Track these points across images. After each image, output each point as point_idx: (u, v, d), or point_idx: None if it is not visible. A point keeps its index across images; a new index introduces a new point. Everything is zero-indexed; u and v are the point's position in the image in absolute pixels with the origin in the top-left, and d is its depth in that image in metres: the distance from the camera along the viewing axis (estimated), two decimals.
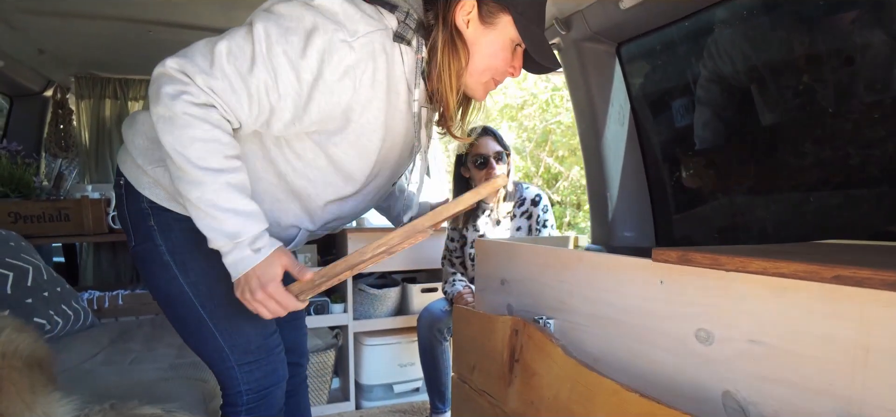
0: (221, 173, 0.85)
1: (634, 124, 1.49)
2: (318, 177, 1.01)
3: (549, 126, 6.07)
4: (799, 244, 0.85)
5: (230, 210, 0.86)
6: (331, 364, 2.47)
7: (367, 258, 0.85)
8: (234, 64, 0.84)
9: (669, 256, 0.75)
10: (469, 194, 0.80)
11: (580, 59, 1.48)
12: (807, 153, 1.23)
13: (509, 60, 0.98)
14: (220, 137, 0.86)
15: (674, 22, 1.31)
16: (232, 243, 0.87)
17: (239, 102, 0.86)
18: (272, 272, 0.88)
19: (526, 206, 2.00)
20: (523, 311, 1.22)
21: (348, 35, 0.84)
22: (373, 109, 0.92)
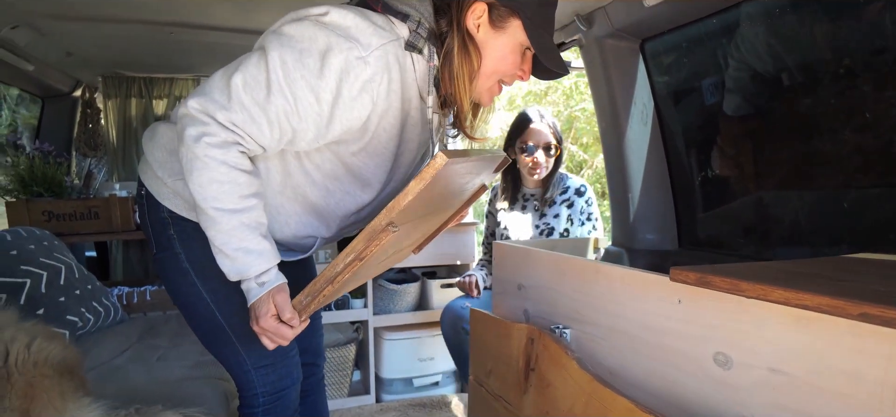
0: (236, 214, 0.89)
1: (658, 123, 1.44)
2: (336, 188, 1.03)
3: (573, 113, 5.97)
4: (827, 261, 0.81)
5: (241, 249, 0.89)
6: (351, 358, 2.51)
7: (339, 270, 0.85)
8: (250, 94, 0.86)
9: (687, 276, 0.72)
10: (413, 183, 0.76)
11: (602, 56, 1.44)
12: (839, 151, 1.17)
13: (518, 63, 0.99)
14: (237, 178, 0.88)
15: (700, 19, 1.25)
16: (240, 276, 0.91)
17: (260, 130, 0.88)
18: (266, 308, 0.91)
19: (568, 195, 1.94)
20: (540, 317, 1.21)
21: (363, 50, 0.85)
22: (389, 117, 0.94)
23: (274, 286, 0.91)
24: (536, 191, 1.99)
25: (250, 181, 0.91)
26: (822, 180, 1.21)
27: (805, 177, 1.23)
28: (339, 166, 1.00)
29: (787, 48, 1.18)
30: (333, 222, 1.08)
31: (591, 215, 1.87)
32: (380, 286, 2.48)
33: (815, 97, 1.16)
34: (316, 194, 1.02)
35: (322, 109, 0.87)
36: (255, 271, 0.90)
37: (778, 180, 1.28)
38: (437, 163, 0.71)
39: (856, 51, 1.08)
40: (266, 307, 0.90)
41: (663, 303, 0.81)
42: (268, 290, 0.91)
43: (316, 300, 0.90)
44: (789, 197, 1.27)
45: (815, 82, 1.16)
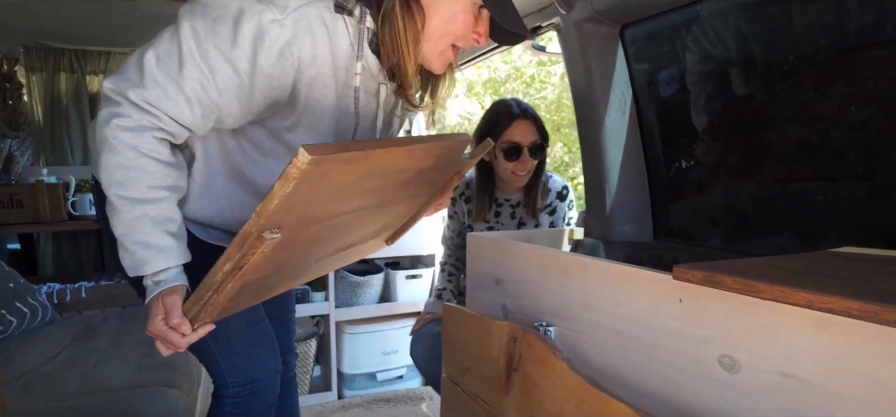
0: (140, 204, 0.81)
1: (636, 112, 1.41)
2: (277, 167, 0.95)
3: (534, 101, 5.98)
4: (821, 257, 0.79)
5: (140, 243, 0.81)
6: (312, 354, 2.40)
7: (219, 279, 0.75)
8: (164, 70, 0.79)
9: (693, 276, 0.67)
10: (278, 184, 0.62)
11: (581, 41, 1.39)
12: (816, 144, 1.17)
13: (472, 24, 0.90)
14: (147, 165, 0.80)
15: (684, 6, 1.22)
16: (137, 272, 0.83)
17: (178, 108, 0.80)
18: (155, 310, 0.83)
19: (550, 199, 1.71)
20: (520, 313, 1.15)
21: (278, 12, 0.80)
22: (319, 87, 0.87)
23: (167, 287, 0.83)
24: (513, 196, 1.71)
25: (165, 172, 0.83)
26: (797, 173, 1.21)
27: (781, 169, 1.23)
28: (278, 144, 0.93)
29: (766, 39, 1.17)
30: None
31: (571, 220, 1.73)
32: (342, 278, 2.37)
33: (790, 90, 1.15)
34: (257, 173, 0.96)
35: (242, 80, 0.81)
36: (151, 268, 0.83)
37: (755, 171, 1.27)
38: (298, 162, 0.59)
39: (838, 43, 1.08)
40: (155, 308, 0.82)
41: (662, 301, 0.77)
42: (160, 291, 0.82)
43: (204, 308, 0.81)
44: (764, 189, 1.27)
45: (788, 75, 1.15)
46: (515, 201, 1.72)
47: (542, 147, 1.63)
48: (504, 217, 1.74)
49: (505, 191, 1.72)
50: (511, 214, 1.73)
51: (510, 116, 1.59)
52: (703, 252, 1.31)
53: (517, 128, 1.58)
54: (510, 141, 1.58)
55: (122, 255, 0.84)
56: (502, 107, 1.64)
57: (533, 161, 1.61)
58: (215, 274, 0.77)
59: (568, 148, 5.80)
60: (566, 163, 5.90)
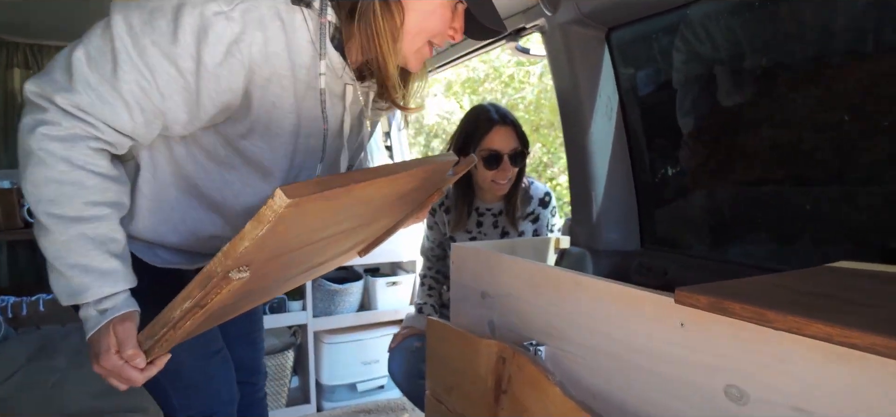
0: (76, 223, 0.71)
1: (622, 118, 1.38)
2: (234, 178, 0.87)
3: (512, 101, 5.95)
4: (824, 274, 0.76)
5: (78, 266, 0.71)
6: (289, 365, 2.31)
7: (177, 317, 0.68)
8: (96, 70, 0.69)
9: (697, 300, 0.63)
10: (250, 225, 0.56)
11: (566, 44, 1.35)
12: (804, 150, 1.16)
13: (449, 20, 0.84)
14: (83, 179, 0.71)
15: (671, 9, 1.19)
16: (74, 300, 0.73)
17: (115, 113, 0.71)
18: (106, 344, 0.72)
19: (533, 206, 1.65)
20: (507, 329, 1.10)
21: (223, 3, 0.71)
22: (275, 89, 0.78)
23: (118, 315, 0.74)
24: (494, 205, 1.65)
25: (104, 186, 0.73)
26: (786, 179, 1.19)
27: (769, 176, 1.21)
28: (232, 153, 0.84)
29: (754, 44, 1.15)
30: (236, 219, 0.91)
31: (554, 226, 1.69)
32: (319, 287, 2.29)
33: (777, 95, 1.14)
34: (211, 185, 0.87)
35: (187, 81, 0.72)
36: (94, 294, 0.73)
37: (743, 177, 1.25)
38: (274, 204, 0.53)
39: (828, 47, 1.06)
40: (106, 340, 0.72)
41: (661, 325, 0.73)
42: (109, 320, 0.73)
43: (158, 343, 0.73)
44: (752, 195, 1.25)
45: (775, 81, 1.13)
46: (497, 209, 1.67)
47: (522, 154, 1.57)
48: (486, 227, 1.69)
49: (485, 200, 1.66)
50: (493, 223, 1.68)
51: (489, 123, 1.53)
52: (693, 261, 1.28)
53: (497, 135, 1.52)
54: (490, 149, 1.52)
55: (55, 280, 0.73)
56: (481, 113, 1.57)
57: (514, 169, 1.55)
58: (172, 311, 0.69)
59: (547, 148, 5.80)
60: (545, 163, 5.90)
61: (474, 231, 1.70)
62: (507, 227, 1.67)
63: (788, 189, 1.19)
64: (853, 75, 1.04)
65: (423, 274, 1.81)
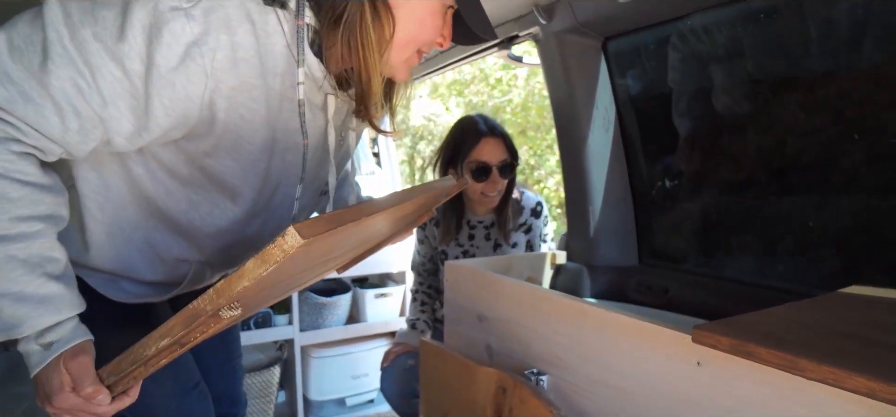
0: (1, 244, 0.60)
1: (620, 130, 1.34)
2: (200, 198, 0.77)
3: (499, 104, 5.92)
4: (848, 304, 0.73)
5: (8, 296, 0.61)
6: (275, 381, 2.23)
7: (151, 354, 0.62)
8: (21, 62, 0.58)
9: (718, 342, 0.59)
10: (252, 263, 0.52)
11: (562, 53, 1.30)
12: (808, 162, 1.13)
13: (439, 27, 0.77)
14: (5, 190, 0.60)
15: (671, 20, 1.15)
16: (5, 335, 0.62)
17: (42, 116, 0.60)
18: (57, 382, 0.62)
19: (524, 217, 1.62)
20: (506, 355, 1.06)
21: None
22: (243, 100, 0.68)
23: (68, 348, 0.63)
24: (486, 217, 1.62)
25: (35, 197, 0.62)
26: (787, 193, 1.16)
27: (769, 189, 1.19)
28: (197, 171, 0.74)
29: (755, 55, 1.12)
30: (204, 241, 0.82)
31: (546, 236, 1.66)
32: (306, 300, 2.22)
33: (778, 107, 1.11)
34: (174, 206, 0.77)
35: (133, 84, 0.61)
36: (32, 326, 0.62)
37: (744, 190, 1.22)
38: (285, 245, 0.49)
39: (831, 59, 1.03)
40: (57, 378, 0.62)
41: (675, 362, 0.68)
42: (57, 354, 0.63)
43: (123, 379, 0.65)
44: (754, 210, 1.23)
45: (776, 92, 1.10)
46: (488, 222, 1.63)
47: (511, 166, 1.53)
48: (478, 240, 1.64)
49: (476, 213, 1.64)
50: (485, 236, 1.64)
51: (477, 135, 1.50)
52: (693, 278, 1.25)
53: (485, 147, 1.49)
54: (478, 161, 1.49)
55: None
56: (468, 124, 1.54)
57: (503, 181, 1.52)
58: (145, 348, 0.62)
59: (534, 151, 5.78)
60: (531, 165, 5.89)
61: (466, 244, 1.65)
62: (499, 239, 1.63)
63: (790, 203, 1.16)
64: (857, 86, 1.02)
65: (415, 289, 1.76)
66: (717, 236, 1.29)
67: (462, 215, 1.62)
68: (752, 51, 1.11)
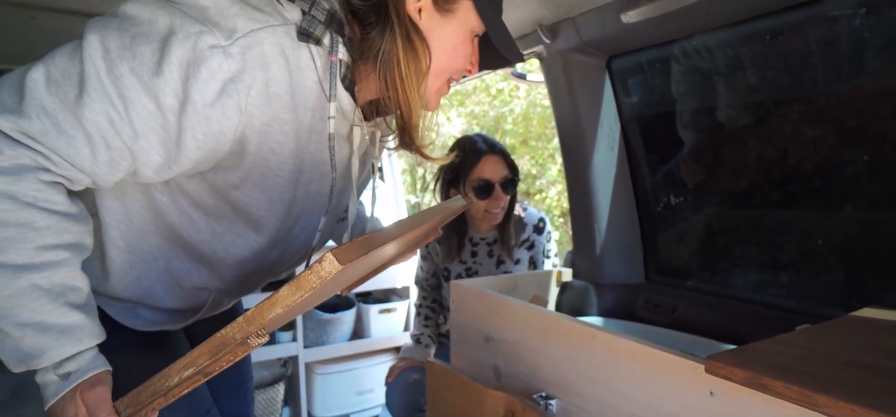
0: (25, 272, 0.60)
1: (625, 147, 1.34)
2: (224, 229, 0.78)
3: (500, 113, 5.93)
4: (861, 330, 0.72)
5: (30, 325, 0.60)
6: (280, 398, 2.22)
7: (173, 384, 0.62)
8: (56, 94, 0.59)
9: (733, 373, 0.59)
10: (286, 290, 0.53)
11: (566, 71, 1.31)
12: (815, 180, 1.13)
13: (469, 55, 0.78)
14: (32, 219, 0.60)
15: (675, 40, 1.16)
16: (25, 366, 0.61)
17: (74, 147, 0.60)
18: (71, 413, 0.62)
19: (527, 233, 1.62)
20: (514, 378, 1.05)
21: (221, 37, 0.61)
22: (275, 134, 0.69)
23: (85, 379, 0.63)
24: (489, 234, 1.63)
25: (61, 226, 0.62)
26: (792, 209, 1.16)
27: (775, 205, 1.18)
28: (222, 202, 0.75)
29: (759, 74, 1.12)
30: (226, 270, 0.83)
31: (550, 252, 1.66)
32: (310, 316, 2.21)
33: (781, 124, 1.11)
34: (197, 236, 0.77)
35: (166, 119, 0.62)
36: (52, 357, 0.61)
37: (749, 207, 1.22)
38: (323, 271, 0.49)
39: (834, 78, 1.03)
40: (71, 409, 0.62)
41: (687, 391, 0.68)
42: (74, 385, 0.62)
43: (141, 411, 0.65)
44: (759, 226, 1.22)
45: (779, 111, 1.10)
46: (491, 239, 1.64)
47: (513, 182, 1.55)
48: (481, 257, 1.65)
49: (478, 230, 1.65)
50: (488, 252, 1.64)
51: (477, 153, 1.52)
52: (700, 297, 1.24)
53: (486, 164, 1.51)
54: (480, 178, 1.51)
55: (1, 343, 0.61)
56: (468, 144, 1.56)
57: (506, 197, 1.54)
58: (167, 379, 0.62)
59: (535, 160, 5.79)
60: (533, 175, 5.90)
61: (469, 261, 1.66)
62: (502, 256, 1.63)
63: (796, 219, 1.16)
64: (861, 100, 1.02)
65: (419, 304, 1.76)
66: (723, 252, 1.28)
67: (464, 234, 1.63)
68: (754, 68, 1.11)
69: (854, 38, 0.98)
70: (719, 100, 1.20)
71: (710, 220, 1.30)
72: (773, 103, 1.12)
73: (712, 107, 1.21)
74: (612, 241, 1.36)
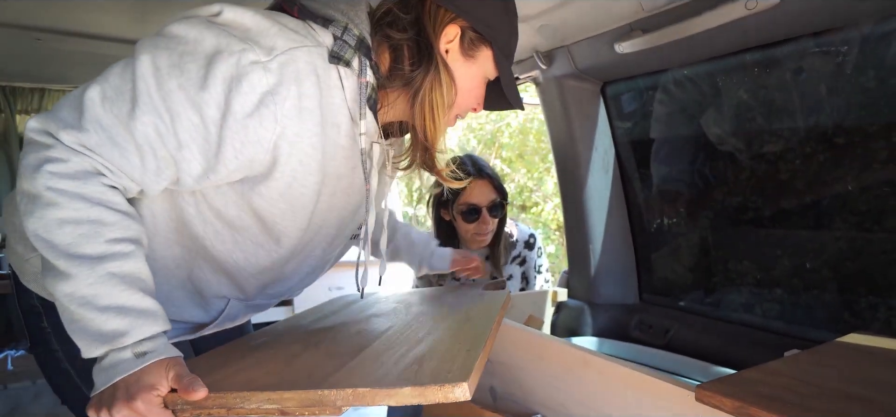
0: (102, 262, 0.64)
1: (619, 170, 1.36)
2: (245, 239, 0.81)
3: (497, 128, 5.98)
4: (850, 357, 0.74)
5: (111, 309, 0.64)
6: None
7: (247, 408, 0.61)
8: (111, 110, 0.64)
9: (723, 403, 0.60)
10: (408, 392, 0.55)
11: (562, 96, 1.34)
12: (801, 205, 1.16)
13: (479, 97, 0.87)
14: (101, 216, 0.65)
15: (664, 69, 1.19)
16: (108, 346, 0.64)
17: (126, 158, 0.65)
18: (148, 381, 0.64)
19: (518, 249, 1.64)
20: (510, 399, 1.06)
21: (262, 53, 0.67)
22: (303, 146, 0.73)
23: (160, 359, 0.64)
24: (480, 252, 1.63)
25: (125, 223, 0.67)
26: (783, 233, 1.19)
27: (766, 228, 1.21)
28: (246, 213, 0.78)
29: (747, 100, 1.15)
30: (246, 280, 0.86)
31: (541, 267, 1.68)
32: None
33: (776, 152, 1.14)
34: (220, 247, 0.81)
35: (208, 131, 0.67)
36: (134, 336, 0.64)
37: (740, 228, 1.25)
38: (453, 393, 0.54)
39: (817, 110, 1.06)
40: (148, 379, 0.63)
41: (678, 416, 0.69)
42: (150, 363, 0.64)
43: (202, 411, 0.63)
44: (750, 248, 1.25)
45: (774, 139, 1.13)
46: (483, 256, 1.67)
47: (501, 205, 1.56)
48: None
49: (470, 248, 1.66)
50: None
51: (466, 177, 1.55)
52: (693, 318, 1.26)
53: (474, 189, 1.52)
54: (468, 203, 1.52)
55: (83, 329, 0.64)
56: (458, 168, 1.59)
57: (493, 220, 1.55)
58: (244, 400, 0.60)
59: (531, 175, 5.83)
60: (530, 188, 5.93)
61: (462, 278, 1.68)
62: (494, 273, 1.66)
63: (786, 242, 1.18)
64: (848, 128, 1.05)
65: None
66: (715, 273, 1.31)
67: None
68: (745, 96, 1.14)
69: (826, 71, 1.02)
70: (710, 125, 1.23)
71: (702, 242, 1.32)
72: (761, 129, 1.15)
73: (703, 132, 1.24)
74: (607, 262, 1.38)
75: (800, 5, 0.83)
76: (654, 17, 1.00)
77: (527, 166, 5.77)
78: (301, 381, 0.61)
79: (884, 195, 1.02)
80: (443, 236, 1.62)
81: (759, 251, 1.23)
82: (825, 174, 1.09)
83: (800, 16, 0.87)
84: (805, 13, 0.85)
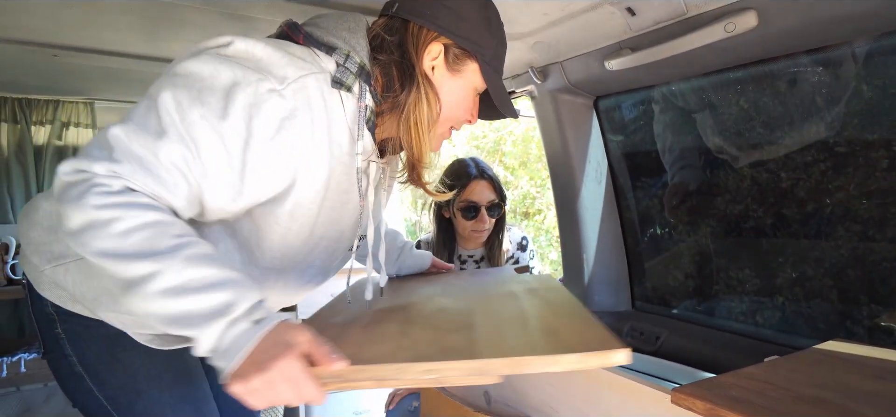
0: (178, 251, 0.65)
1: (611, 182, 1.41)
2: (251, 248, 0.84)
3: (500, 135, 6.03)
4: (819, 365, 0.78)
5: (208, 286, 0.64)
6: (279, 413, 2.27)
7: (404, 377, 0.62)
8: (138, 141, 0.68)
9: (695, 405, 0.64)
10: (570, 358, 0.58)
11: (556, 110, 1.38)
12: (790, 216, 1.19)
13: (471, 108, 0.91)
14: (159, 218, 0.67)
15: (653, 85, 1.23)
16: (225, 321, 0.63)
17: (159, 184, 0.68)
18: (285, 339, 0.62)
19: (512, 251, 1.73)
20: (503, 403, 1.10)
21: (276, 82, 0.72)
22: (312, 166, 0.79)
23: (278, 323, 0.64)
24: (476, 251, 1.73)
25: (180, 222, 0.69)
26: (773, 241, 1.22)
27: (756, 238, 1.24)
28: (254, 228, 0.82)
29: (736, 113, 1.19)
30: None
31: (532, 268, 1.74)
32: None
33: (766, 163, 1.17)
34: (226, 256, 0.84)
35: (231, 157, 0.71)
36: (245, 301, 0.64)
37: (730, 238, 1.28)
38: (612, 359, 0.58)
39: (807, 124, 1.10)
40: (288, 335, 0.63)
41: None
42: (272, 326, 0.64)
43: (349, 384, 0.62)
44: (741, 258, 1.28)
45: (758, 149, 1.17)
46: (479, 256, 1.75)
47: (499, 206, 1.65)
48: (467, 270, 1.75)
49: (467, 247, 1.75)
50: (476, 268, 1.75)
51: (468, 177, 1.63)
52: (684, 325, 1.30)
53: (475, 188, 1.62)
54: (468, 201, 1.62)
55: (188, 311, 0.63)
56: (461, 167, 1.67)
57: (491, 220, 1.65)
58: (401, 371, 0.60)
59: (534, 182, 5.87)
60: (532, 196, 5.97)
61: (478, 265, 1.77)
62: None
63: (776, 252, 1.22)
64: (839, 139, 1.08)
65: None
66: (706, 282, 1.34)
67: (453, 251, 1.75)
68: (733, 110, 1.18)
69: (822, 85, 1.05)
70: (701, 138, 1.27)
71: (693, 251, 1.36)
72: (746, 142, 1.19)
73: (695, 144, 1.28)
74: (601, 270, 1.42)
75: (776, 28, 0.88)
76: (641, 36, 1.04)
77: (529, 174, 5.81)
78: (455, 352, 0.61)
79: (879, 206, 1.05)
80: (442, 232, 1.72)
81: (748, 261, 1.26)
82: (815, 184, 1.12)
83: (777, 37, 0.91)
84: (781, 35, 0.90)
